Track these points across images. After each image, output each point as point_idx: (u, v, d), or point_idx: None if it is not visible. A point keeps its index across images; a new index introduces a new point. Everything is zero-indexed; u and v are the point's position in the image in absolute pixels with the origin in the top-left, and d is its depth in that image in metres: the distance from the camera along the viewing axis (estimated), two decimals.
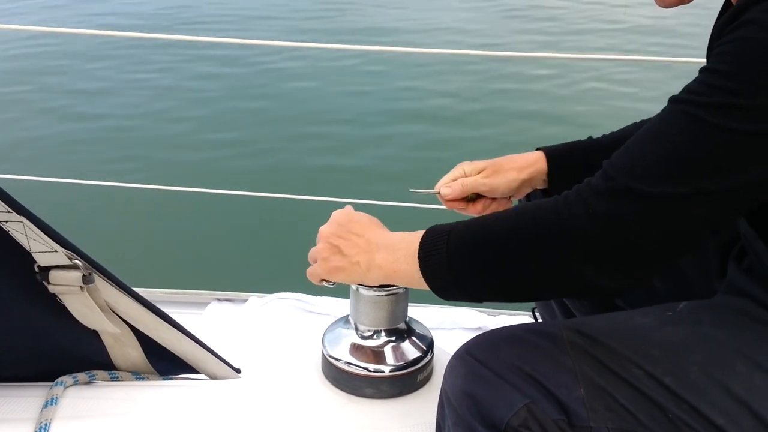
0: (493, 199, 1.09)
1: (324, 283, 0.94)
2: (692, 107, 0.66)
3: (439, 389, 0.90)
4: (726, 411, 0.71)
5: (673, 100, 0.69)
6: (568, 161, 1.08)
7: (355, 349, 0.99)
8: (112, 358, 1.02)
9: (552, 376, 0.74)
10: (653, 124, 0.70)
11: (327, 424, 0.95)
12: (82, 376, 0.98)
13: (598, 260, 0.69)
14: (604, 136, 1.11)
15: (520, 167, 1.07)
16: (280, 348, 1.34)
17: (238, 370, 1.09)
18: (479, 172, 1.07)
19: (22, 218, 0.79)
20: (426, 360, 1.00)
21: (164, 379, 1.07)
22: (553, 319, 1.19)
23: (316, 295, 1.70)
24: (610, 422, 0.72)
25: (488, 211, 1.08)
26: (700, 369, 0.73)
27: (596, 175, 0.71)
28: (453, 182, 1.07)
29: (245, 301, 1.71)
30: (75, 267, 0.85)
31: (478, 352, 0.78)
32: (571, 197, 0.71)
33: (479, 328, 1.57)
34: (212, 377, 1.08)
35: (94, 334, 0.97)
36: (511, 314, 1.62)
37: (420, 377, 1.00)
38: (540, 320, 1.20)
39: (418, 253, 0.80)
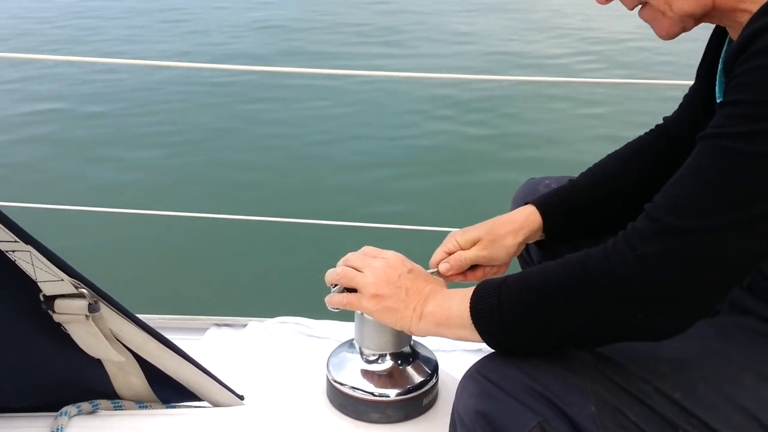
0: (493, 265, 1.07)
1: (333, 308, 0.94)
2: (723, 140, 0.66)
3: (445, 412, 0.91)
4: (735, 425, 0.72)
5: (703, 137, 0.69)
6: (562, 212, 1.07)
7: (361, 373, 0.99)
8: (115, 388, 1.01)
9: (563, 394, 0.75)
10: (688, 163, 0.70)
11: None
12: (86, 405, 0.98)
13: (653, 303, 0.69)
14: (583, 175, 1.11)
15: (515, 231, 1.05)
16: (283, 373, 1.33)
17: (241, 397, 1.09)
18: (474, 243, 1.04)
19: (29, 247, 0.79)
20: (431, 383, 1.00)
21: (167, 407, 1.06)
22: None
23: (316, 319, 1.69)
24: None
25: (489, 275, 1.07)
26: (708, 384, 0.74)
27: (639, 218, 0.72)
28: (450, 257, 1.04)
29: (245, 326, 1.70)
30: (81, 296, 0.85)
31: (489, 371, 0.79)
32: (619, 243, 0.71)
33: (479, 350, 1.57)
34: (216, 405, 1.07)
35: (98, 363, 0.97)
36: None
37: (426, 401, 1.00)
38: None
39: (471, 301, 0.81)
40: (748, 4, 0.74)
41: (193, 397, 1.07)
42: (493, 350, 0.83)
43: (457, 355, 1.56)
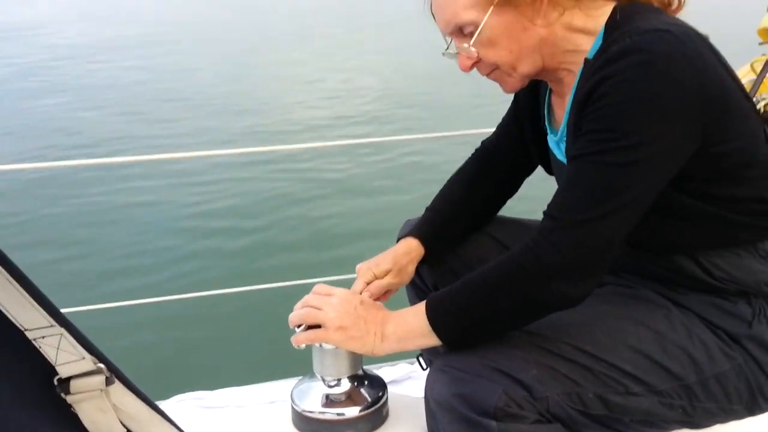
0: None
1: (299, 345, 1.10)
2: (591, 156, 0.97)
3: (400, 416, 1.18)
4: (629, 359, 1.03)
5: (574, 157, 1.00)
6: (436, 239, 1.36)
7: (326, 398, 1.16)
8: None
9: (512, 365, 1.00)
10: (569, 176, 1.00)
11: None
12: None
13: (569, 276, 0.97)
14: (440, 203, 1.39)
15: (413, 260, 1.34)
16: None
17: None
18: (386, 273, 1.30)
19: (62, 330, 0.84)
20: (386, 396, 1.20)
21: None
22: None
23: (211, 390, 1.76)
24: (558, 389, 1.00)
25: (394, 293, 1.35)
26: (605, 335, 1.05)
27: (543, 220, 1.00)
28: (370, 286, 1.28)
29: None
30: (99, 371, 0.91)
31: (453, 362, 1.02)
32: (536, 239, 0.99)
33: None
34: None
35: None
36: (409, 362, 1.82)
37: (385, 411, 1.19)
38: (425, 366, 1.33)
39: (426, 313, 1.04)
40: (567, 65, 1.10)
41: None
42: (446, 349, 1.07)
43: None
